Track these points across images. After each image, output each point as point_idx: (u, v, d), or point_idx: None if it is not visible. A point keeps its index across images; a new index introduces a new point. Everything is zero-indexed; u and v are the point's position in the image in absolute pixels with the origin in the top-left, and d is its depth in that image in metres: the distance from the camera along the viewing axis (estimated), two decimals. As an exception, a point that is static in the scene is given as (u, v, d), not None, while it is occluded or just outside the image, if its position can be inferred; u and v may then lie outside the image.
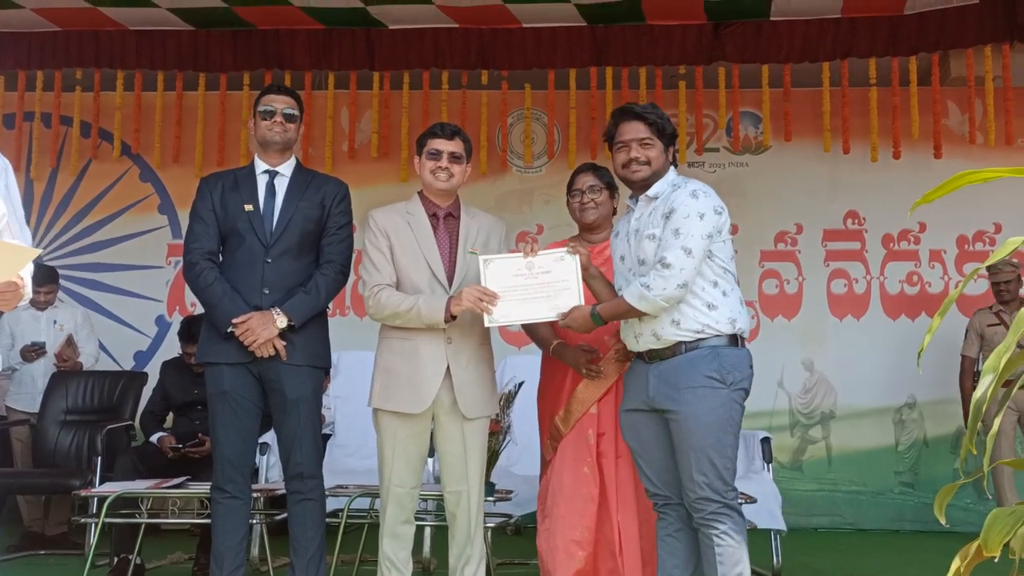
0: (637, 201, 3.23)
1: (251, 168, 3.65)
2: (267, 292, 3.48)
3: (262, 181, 3.61)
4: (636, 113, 3.20)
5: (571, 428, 3.51)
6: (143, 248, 6.84)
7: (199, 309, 6.40)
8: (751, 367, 3.10)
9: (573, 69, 6.08)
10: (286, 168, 3.63)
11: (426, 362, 3.32)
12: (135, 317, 6.76)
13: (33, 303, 5.81)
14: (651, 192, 3.18)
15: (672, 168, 3.23)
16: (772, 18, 5.72)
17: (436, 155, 3.41)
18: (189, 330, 5.21)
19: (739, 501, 3.11)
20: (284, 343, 3.45)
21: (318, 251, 3.60)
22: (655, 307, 3.01)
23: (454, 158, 3.41)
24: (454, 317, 3.26)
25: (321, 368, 3.65)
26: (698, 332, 3.04)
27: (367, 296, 3.40)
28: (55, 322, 5.82)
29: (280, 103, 3.60)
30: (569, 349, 3.52)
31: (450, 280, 3.38)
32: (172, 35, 6.07)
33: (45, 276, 5.80)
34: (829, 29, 5.72)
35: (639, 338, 3.12)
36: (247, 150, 6.43)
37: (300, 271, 3.55)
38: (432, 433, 3.42)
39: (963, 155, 6.17)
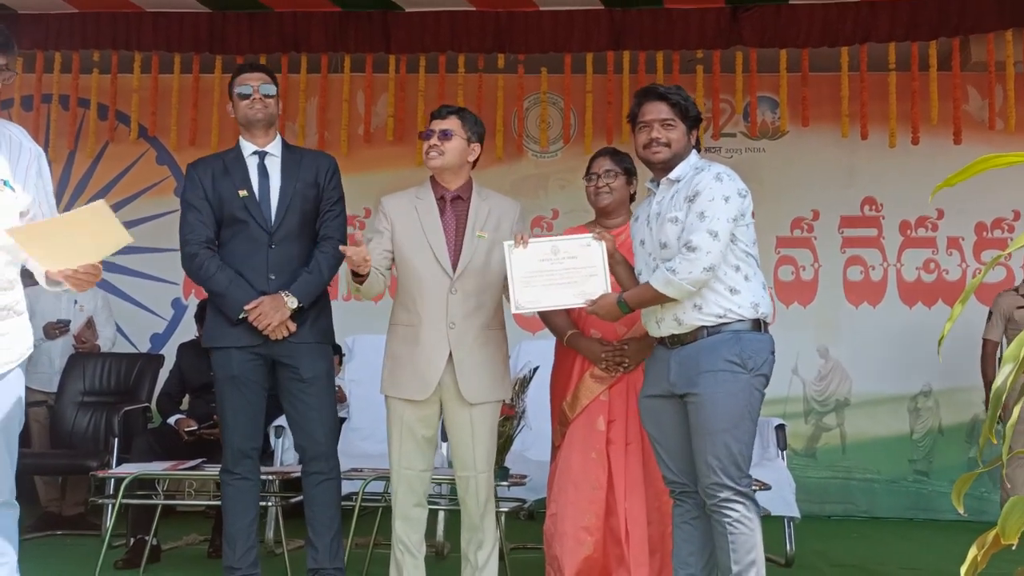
0: (658, 185, 3.20)
1: (238, 151, 3.62)
2: (273, 277, 3.50)
3: (252, 163, 3.59)
4: (659, 93, 3.17)
5: (578, 414, 3.51)
6: (159, 231, 6.83)
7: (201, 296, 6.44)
8: (772, 353, 3.07)
9: (590, 53, 6.04)
10: (274, 148, 3.62)
11: (428, 348, 3.32)
12: (152, 300, 6.79)
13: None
14: (673, 175, 3.14)
15: (695, 151, 3.20)
16: (791, 2, 5.66)
17: (428, 135, 3.39)
18: (205, 313, 5.23)
19: (753, 488, 3.09)
20: (295, 324, 3.47)
21: (314, 227, 3.61)
22: (682, 291, 2.97)
23: (444, 135, 3.35)
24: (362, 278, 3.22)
25: (330, 344, 3.67)
26: (720, 316, 3.01)
27: None
28: (76, 302, 5.86)
29: (255, 80, 3.58)
30: (584, 339, 3.51)
31: (454, 264, 3.36)
32: (189, 17, 6.07)
33: None
34: (848, 13, 5.66)
35: (660, 323, 3.09)
36: (263, 133, 6.43)
37: (303, 253, 3.57)
38: (441, 417, 3.43)
39: (983, 141, 6.10)
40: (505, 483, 4.06)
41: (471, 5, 5.86)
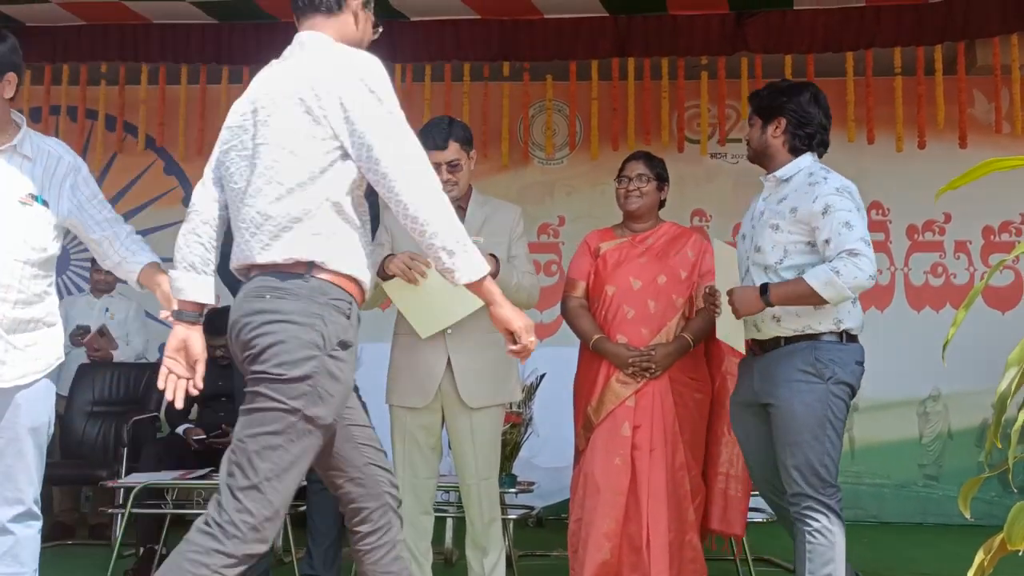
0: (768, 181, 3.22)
1: None
2: None
3: None
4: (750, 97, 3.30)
5: (603, 419, 3.50)
6: (167, 241, 6.79)
7: (223, 302, 6.45)
8: (859, 363, 3.08)
9: (595, 60, 6.05)
10: None
11: (426, 355, 3.33)
12: (160, 309, 6.80)
13: (94, 284, 5.94)
14: (780, 173, 3.14)
15: (808, 154, 3.16)
16: (796, 7, 5.66)
17: (436, 168, 3.36)
18: (213, 323, 5.21)
19: (838, 498, 3.02)
20: None
21: None
22: (840, 295, 2.94)
23: (452, 167, 3.35)
24: (390, 276, 3.20)
25: None
26: (797, 330, 3.05)
27: None
28: (107, 310, 5.94)
29: None
30: (610, 344, 3.51)
31: None
32: (196, 28, 6.09)
33: None
34: (853, 18, 5.66)
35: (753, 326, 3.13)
36: (270, 143, 6.46)
37: None
38: (444, 425, 3.44)
39: (989, 144, 6.10)
40: (513, 490, 4.06)
41: (476, 14, 5.87)
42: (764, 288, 2.99)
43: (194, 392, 2.55)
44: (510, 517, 4.02)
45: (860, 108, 5.97)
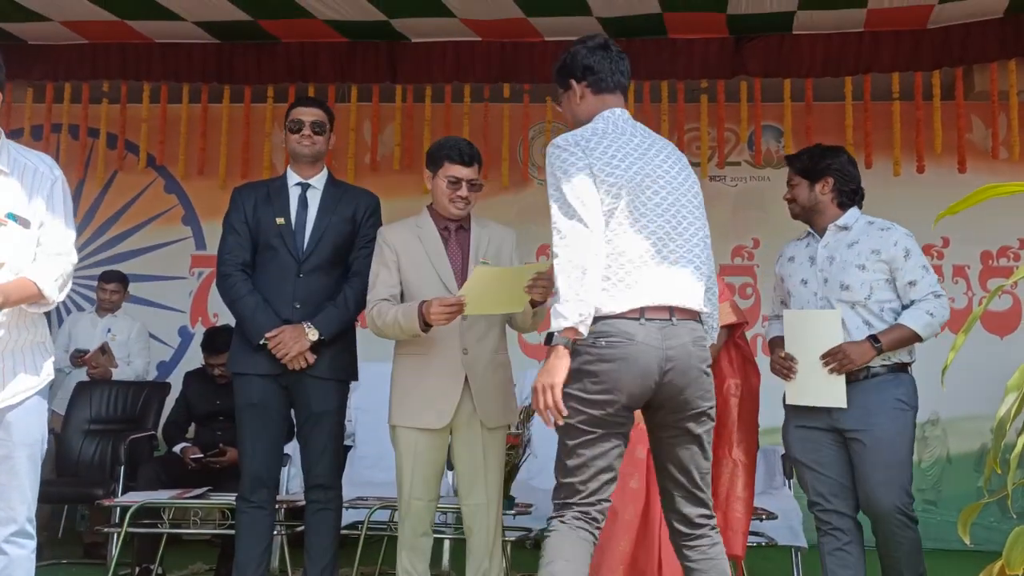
0: (813, 232, 3.59)
1: (284, 180, 3.69)
2: (298, 306, 3.52)
3: (294, 194, 3.64)
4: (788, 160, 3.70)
5: None
6: (167, 259, 6.89)
7: (221, 320, 6.47)
8: None
9: (595, 83, 6.08)
10: (318, 181, 3.67)
11: (443, 375, 3.32)
12: (158, 328, 6.81)
13: (100, 303, 5.93)
14: (840, 222, 3.51)
15: (855, 207, 3.59)
16: (794, 32, 5.71)
17: (456, 183, 3.38)
18: (212, 341, 5.24)
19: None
20: (315, 356, 3.47)
21: (345, 262, 3.63)
22: (934, 332, 3.36)
23: (473, 186, 3.40)
24: (430, 326, 3.23)
25: (347, 381, 3.68)
26: (892, 361, 3.39)
27: (366, 313, 3.42)
28: (109, 330, 5.93)
29: (308, 115, 3.64)
30: None
31: None
32: (198, 48, 6.13)
33: (113, 275, 5.95)
34: (851, 43, 5.70)
35: None
36: (271, 162, 6.48)
37: (331, 285, 3.58)
38: (449, 445, 3.42)
39: (987, 170, 6.12)
40: (511, 512, 4.04)
41: (477, 36, 5.91)
42: (875, 338, 3.34)
43: None
44: (508, 539, 4.00)
45: (858, 132, 5.99)
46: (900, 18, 5.51)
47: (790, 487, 4.93)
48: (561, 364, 2.51)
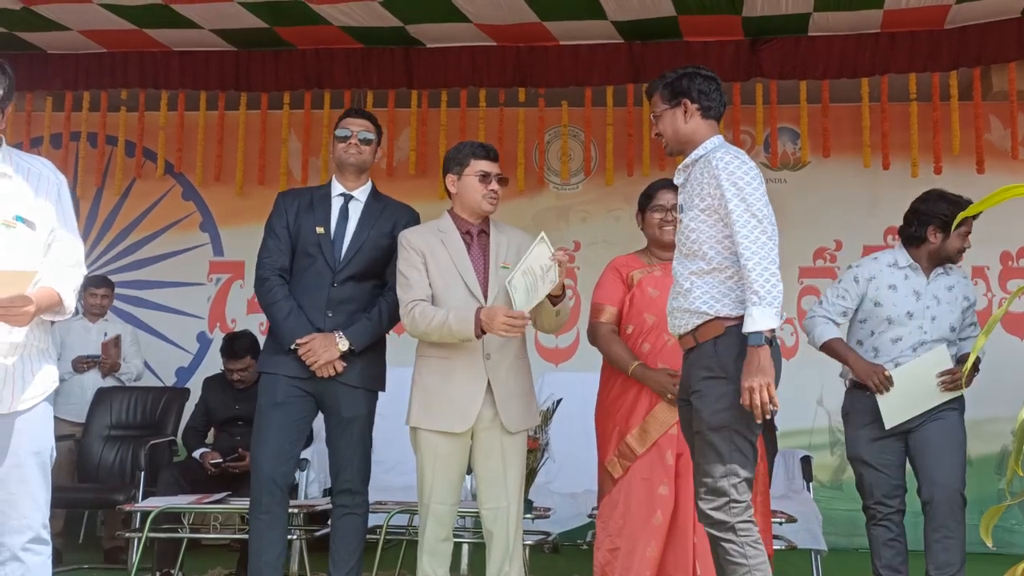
0: (912, 265, 3.98)
1: (327, 189, 3.73)
2: (330, 315, 3.54)
3: (336, 204, 3.67)
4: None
5: (648, 448, 3.48)
6: (185, 265, 6.93)
7: (239, 326, 6.50)
8: None
9: (610, 86, 6.09)
10: (361, 193, 3.70)
11: (466, 379, 3.33)
12: (177, 334, 6.85)
13: (88, 309, 5.95)
14: (950, 268, 4.03)
15: None
16: (810, 34, 5.69)
17: (486, 178, 3.43)
18: (231, 346, 5.27)
19: None
20: (344, 364, 3.49)
21: (380, 275, 3.65)
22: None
23: (501, 180, 3.46)
24: (484, 331, 3.27)
25: (376, 391, 3.69)
26: None
27: (403, 313, 3.42)
28: (105, 334, 5.94)
29: (356, 126, 3.68)
30: (651, 371, 3.49)
31: (485, 296, 3.40)
32: (215, 56, 6.17)
33: (102, 280, 5.99)
34: (868, 44, 5.67)
35: None
36: (287, 168, 6.51)
37: (363, 295, 3.61)
38: (470, 449, 3.42)
39: (1006, 170, 6.08)
40: (529, 516, 4.04)
41: (492, 40, 5.92)
42: (975, 367, 3.91)
43: None
44: (527, 543, 4.00)
45: (875, 134, 5.96)
46: (917, 19, 5.48)
47: (809, 490, 4.91)
48: (771, 363, 2.72)
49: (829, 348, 3.97)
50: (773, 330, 2.72)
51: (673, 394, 3.40)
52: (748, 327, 2.72)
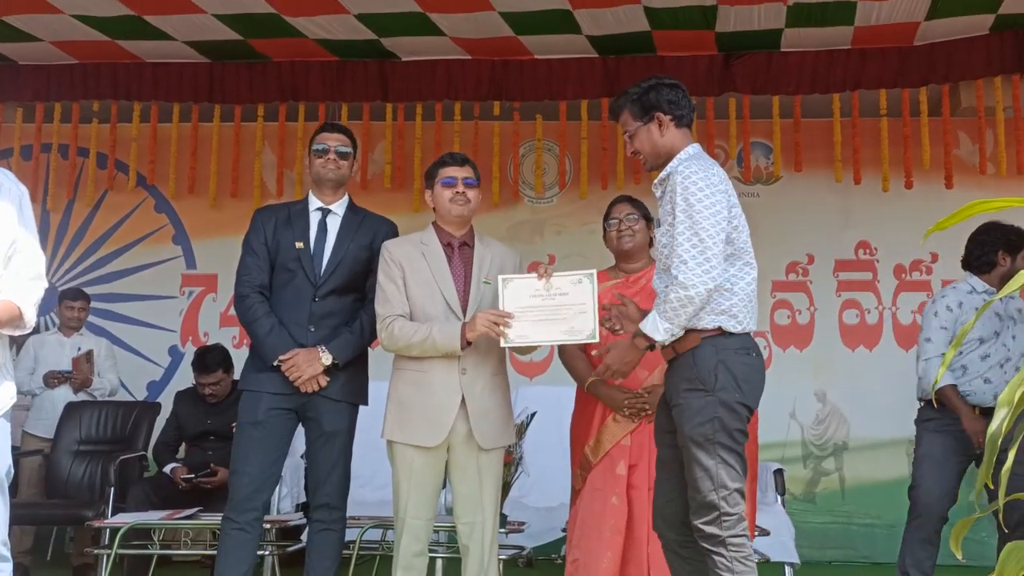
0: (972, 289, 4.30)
1: (305, 204, 3.72)
2: (312, 330, 3.52)
3: (314, 219, 3.66)
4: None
5: (600, 459, 3.50)
6: (157, 278, 6.88)
7: (212, 339, 6.45)
8: None
9: (584, 100, 6.12)
10: (339, 207, 3.69)
11: (440, 393, 3.32)
12: (149, 347, 6.79)
13: (64, 322, 5.88)
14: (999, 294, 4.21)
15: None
16: (783, 49, 5.75)
17: (452, 182, 3.43)
18: (203, 360, 5.23)
19: None
20: (327, 379, 3.48)
21: (360, 288, 3.63)
22: None
23: (468, 183, 3.45)
24: (470, 343, 3.26)
25: (358, 405, 3.67)
26: None
27: (380, 328, 3.41)
28: (79, 349, 5.86)
29: (333, 140, 3.68)
30: (604, 387, 3.51)
31: (464, 310, 3.39)
32: (188, 67, 6.14)
33: (77, 293, 5.92)
34: (839, 60, 5.74)
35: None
36: (261, 181, 6.48)
37: (344, 309, 3.59)
38: (446, 463, 3.41)
39: (974, 185, 6.17)
40: (504, 530, 4.03)
41: (467, 54, 5.94)
42: None
43: None
44: (501, 557, 3.98)
45: (847, 148, 6.03)
46: (887, 35, 5.56)
47: (782, 503, 4.93)
48: (636, 360, 3.04)
49: (943, 394, 4.20)
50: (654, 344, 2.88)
51: (627, 408, 3.43)
52: (642, 326, 2.86)
